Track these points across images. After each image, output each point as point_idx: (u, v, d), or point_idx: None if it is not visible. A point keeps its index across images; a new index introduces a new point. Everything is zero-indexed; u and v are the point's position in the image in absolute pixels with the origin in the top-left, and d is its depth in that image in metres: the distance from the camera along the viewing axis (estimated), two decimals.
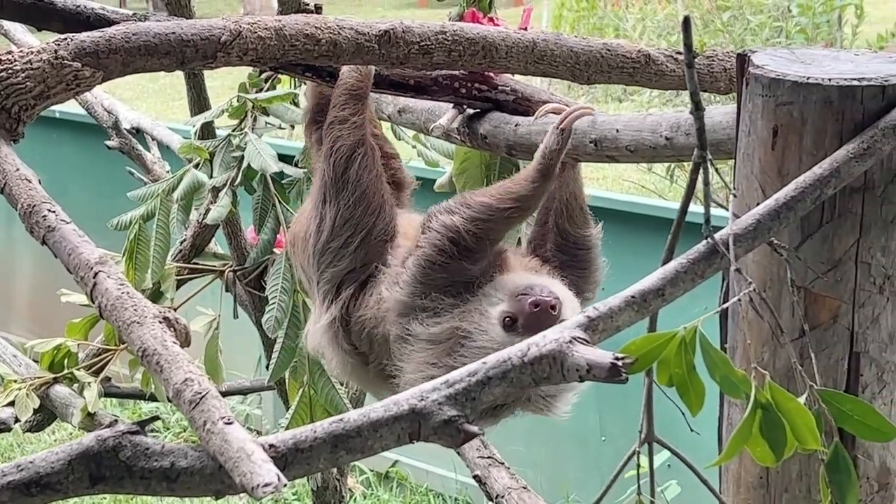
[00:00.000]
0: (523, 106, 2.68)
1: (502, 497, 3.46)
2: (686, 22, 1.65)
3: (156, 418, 1.70)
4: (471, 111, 2.75)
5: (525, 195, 2.42)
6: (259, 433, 7.48)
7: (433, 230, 2.43)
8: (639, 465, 1.72)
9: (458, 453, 3.70)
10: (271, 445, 1.54)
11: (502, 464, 3.57)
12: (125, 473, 1.56)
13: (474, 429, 1.57)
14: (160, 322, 1.69)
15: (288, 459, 1.54)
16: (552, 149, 2.40)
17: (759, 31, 11.97)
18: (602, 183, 10.01)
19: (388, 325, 2.48)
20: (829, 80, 1.80)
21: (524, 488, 3.49)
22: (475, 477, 3.57)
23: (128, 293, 1.74)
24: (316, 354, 2.85)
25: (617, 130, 2.41)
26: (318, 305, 2.69)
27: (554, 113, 2.58)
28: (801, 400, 1.60)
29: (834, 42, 12.78)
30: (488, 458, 3.56)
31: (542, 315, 2.32)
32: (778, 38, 12.08)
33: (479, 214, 2.42)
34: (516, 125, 2.64)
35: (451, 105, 2.76)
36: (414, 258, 2.45)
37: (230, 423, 1.53)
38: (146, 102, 13.84)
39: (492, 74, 2.68)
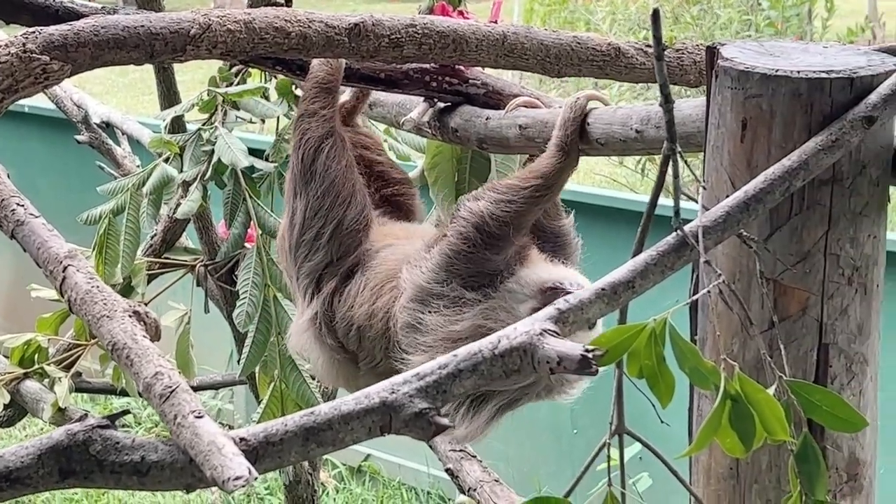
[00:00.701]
0: (494, 99, 2.68)
1: (474, 490, 3.46)
2: (655, 14, 1.66)
3: (126, 412, 1.69)
4: (441, 105, 2.75)
5: (548, 171, 2.41)
6: (231, 428, 7.46)
7: (460, 217, 2.41)
8: (609, 458, 1.72)
9: (431, 447, 3.70)
10: (242, 439, 1.53)
11: (474, 457, 3.57)
12: (95, 468, 1.55)
13: (445, 421, 1.57)
14: (130, 316, 1.69)
15: (259, 453, 1.53)
16: (568, 118, 2.40)
17: (729, 25, 12.00)
18: (573, 176, 9.97)
19: (398, 312, 2.45)
20: (798, 72, 1.81)
21: (496, 481, 3.49)
22: (447, 470, 3.57)
23: (97, 287, 1.73)
24: (300, 354, 2.83)
25: (587, 123, 2.42)
26: (300, 303, 2.68)
27: (525, 106, 2.59)
28: (771, 391, 1.61)
29: (804, 36, 12.82)
30: (460, 451, 3.57)
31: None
32: (748, 31, 12.11)
33: (504, 196, 2.40)
34: (487, 119, 2.64)
35: (422, 99, 2.75)
36: (439, 246, 2.42)
37: (201, 417, 1.52)
38: (116, 97, 13.79)
39: (462, 68, 2.68)
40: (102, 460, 1.55)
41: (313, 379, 3.34)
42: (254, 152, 3.34)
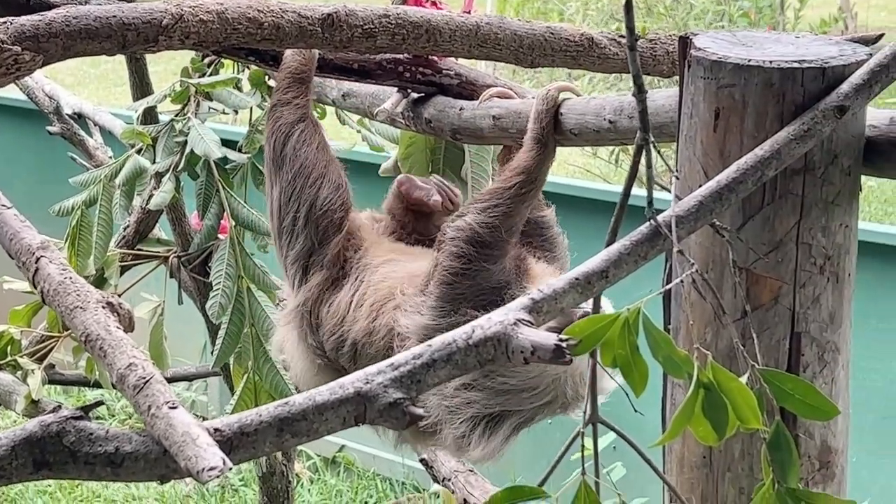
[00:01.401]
0: (468, 90, 2.68)
1: (449, 480, 3.48)
2: (628, 5, 1.66)
3: (100, 403, 1.69)
4: (415, 95, 2.75)
5: (529, 165, 2.41)
6: (205, 419, 7.45)
7: (447, 240, 2.39)
8: (583, 447, 1.73)
9: None
10: (216, 429, 1.53)
11: None
12: (69, 459, 1.55)
13: (419, 411, 1.58)
14: (103, 307, 1.69)
15: (233, 443, 1.53)
16: (542, 111, 2.40)
17: (703, 16, 12.02)
18: None
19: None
20: (770, 62, 1.81)
21: (470, 471, 3.51)
22: (422, 461, 3.58)
23: (70, 278, 1.73)
24: (280, 350, 2.80)
25: (561, 114, 2.42)
26: (288, 291, 2.67)
27: (498, 97, 2.59)
28: (743, 380, 1.62)
29: (777, 26, 12.85)
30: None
31: None
32: (721, 21, 12.14)
33: (489, 202, 2.40)
34: (461, 109, 2.64)
35: (396, 89, 2.75)
36: (434, 279, 2.39)
37: (175, 408, 1.52)
38: (88, 88, 13.72)
39: (436, 58, 2.68)
40: (76, 451, 1.55)
41: (287, 370, 3.34)
42: (227, 143, 3.34)
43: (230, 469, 1.46)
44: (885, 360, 5.21)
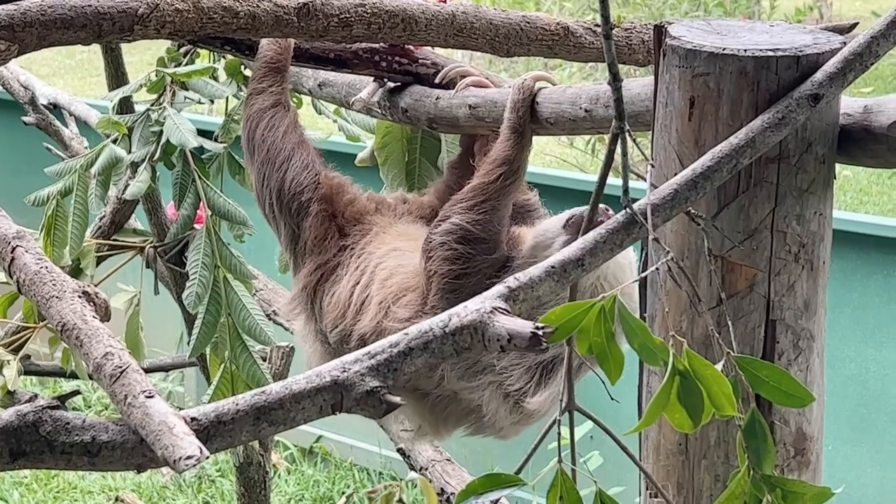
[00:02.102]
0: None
1: (426, 469, 3.48)
2: None
3: (76, 393, 1.69)
4: (391, 85, 2.75)
5: (509, 155, 2.42)
6: (182, 409, 7.43)
7: (436, 247, 2.40)
8: (559, 435, 1.73)
9: (382, 427, 3.71)
10: (193, 418, 1.54)
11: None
12: (46, 448, 1.55)
13: (396, 399, 1.58)
14: (79, 296, 1.68)
15: (210, 432, 1.54)
16: (517, 100, 2.41)
17: (678, 6, 12.04)
18: None
19: None
20: (745, 50, 1.82)
21: (448, 460, 3.51)
22: (399, 450, 3.59)
23: (46, 268, 1.73)
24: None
25: (537, 103, 2.43)
26: (293, 280, 2.67)
27: (474, 86, 2.59)
28: (719, 367, 1.62)
29: (752, 16, 12.87)
30: (412, 430, 3.58)
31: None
32: (696, 11, 12.15)
33: (474, 199, 2.41)
34: (437, 98, 2.65)
35: (372, 79, 2.75)
36: (433, 291, 2.39)
37: (151, 397, 1.52)
38: (63, 78, 13.68)
39: (412, 48, 2.68)
40: (52, 441, 1.55)
41: (264, 360, 3.33)
42: (203, 133, 3.33)
43: (207, 458, 1.46)
44: (861, 348, 5.24)
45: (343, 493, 6.61)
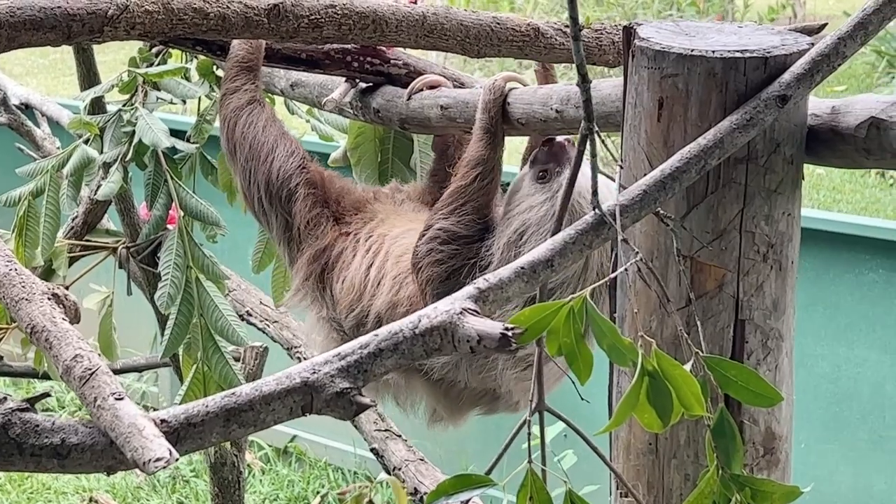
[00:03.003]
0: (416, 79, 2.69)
1: (400, 469, 3.48)
2: None
3: (46, 395, 1.68)
4: (363, 85, 2.75)
5: (483, 155, 2.44)
6: (155, 409, 7.42)
7: (422, 257, 2.42)
8: (530, 435, 1.74)
9: (356, 426, 3.71)
10: (163, 420, 1.54)
11: (399, 436, 3.59)
12: (15, 451, 1.55)
13: (367, 400, 1.58)
14: (49, 298, 1.68)
15: (180, 434, 1.54)
16: (489, 101, 2.43)
17: (651, 4, 12.06)
18: None
19: None
20: (713, 52, 1.83)
21: (421, 460, 3.51)
22: (373, 450, 3.59)
23: (16, 270, 1.72)
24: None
25: (508, 104, 2.43)
26: (291, 274, 2.67)
27: (429, 87, 2.61)
28: (688, 367, 1.63)
29: (726, 15, 12.91)
30: (385, 430, 3.59)
31: (559, 148, 2.39)
32: (669, 10, 12.18)
33: (453, 203, 2.43)
34: (409, 99, 2.65)
35: (344, 79, 2.75)
36: (427, 301, 2.41)
37: (121, 399, 1.52)
38: (36, 78, 13.62)
39: (384, 48, 2.68)
40: (22, 443, 1.55)
41: (237, 360, 3.33)
42: (176, 133, 3.32)
43: (177, 460, 1.46)
44: (832, 346, 5.26)
45: (318, 492, 6.61)
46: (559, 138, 2.41)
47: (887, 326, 5.17)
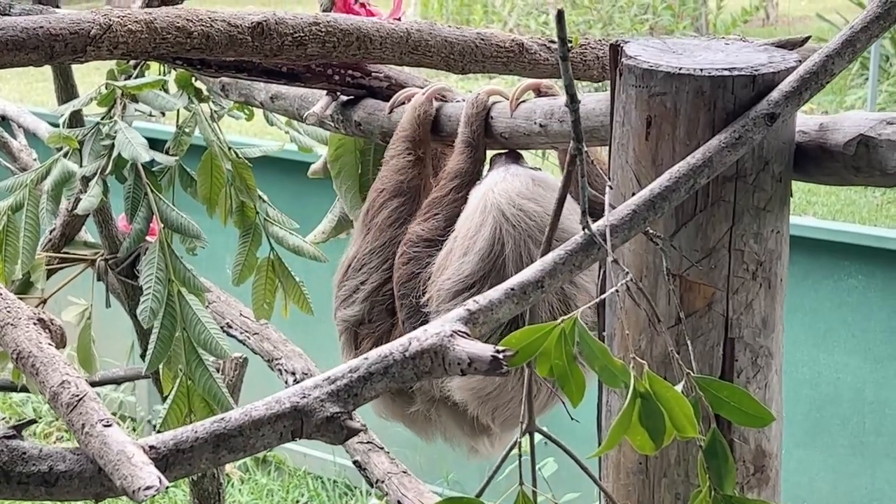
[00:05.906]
0: (397, 92, 2.68)
1: (382, 482, 3.47)
2: (560, 15, 1.66)
3: (33, 422, 1.67)
4: (344, 98, 2.74)
5: (462, 169, 2.45)
6: (133, 419, 7.40)
7: (397, 256, 2.45)
8: (520, 454, 1.73)
9: None
10: (152, 447, 1.52)
11: (382, 448, 3.57)
12: (2, 479, 1.53)
13: (357, 425, 1.57)
14: (35, 324, 1.67)
15: (169, 460, 1.53)
16: (471, 115, 2.44)
17: (627, 9, 12.09)
18: None
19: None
20: (701, 70, 1.82)
21: (404, 472, 3.50)
22: (355, 463, 3.57)
23: (1, 294, 1.71)
24: None
25: (491, 118, 2.43)
26: (340, 344, 2.68)
27: (406, 100, 2.61)
28: (679, 387, 1.63)
29: (699, 16, 12.93)
30: (368, 443, 3.57)
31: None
32: (645, 14, 12.20)
33: (428, 212, 2.45)
34: (390, 112, 2.64)
35: (325, 92, 2.74)
36: (402, 317, 2.44)
37: (109, 426, 1.51)
38: (9, 84, 13.56)
39: None
40: (9, 471, 1.53)
41: (218, 371, 3.31)
42: (155, 143, 3.30)
43: (167, 488, 1.45)
44: (813, 352, 5.28)
45: (297, 501, 6.59)
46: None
47: (867, 332, 5.19)
